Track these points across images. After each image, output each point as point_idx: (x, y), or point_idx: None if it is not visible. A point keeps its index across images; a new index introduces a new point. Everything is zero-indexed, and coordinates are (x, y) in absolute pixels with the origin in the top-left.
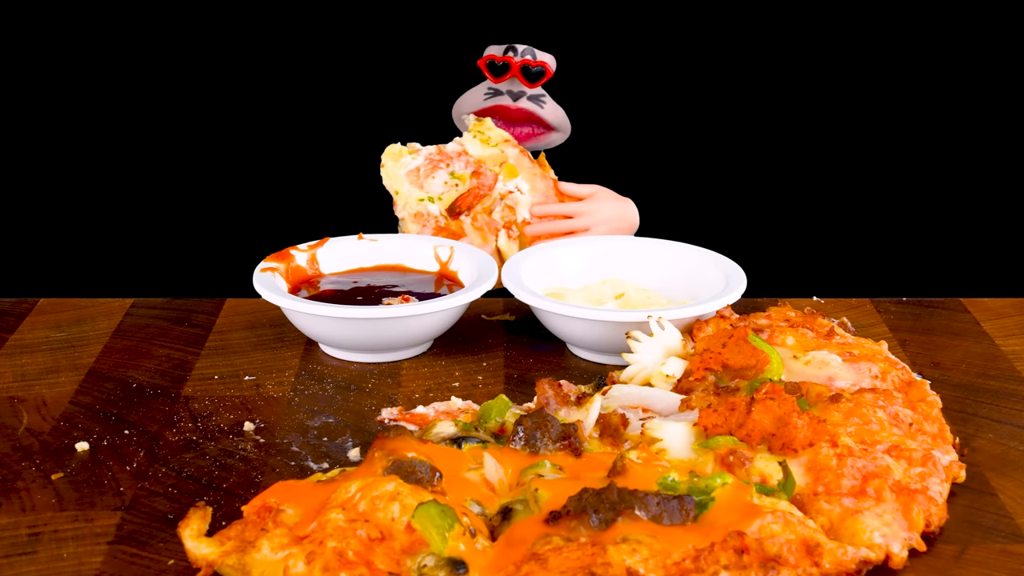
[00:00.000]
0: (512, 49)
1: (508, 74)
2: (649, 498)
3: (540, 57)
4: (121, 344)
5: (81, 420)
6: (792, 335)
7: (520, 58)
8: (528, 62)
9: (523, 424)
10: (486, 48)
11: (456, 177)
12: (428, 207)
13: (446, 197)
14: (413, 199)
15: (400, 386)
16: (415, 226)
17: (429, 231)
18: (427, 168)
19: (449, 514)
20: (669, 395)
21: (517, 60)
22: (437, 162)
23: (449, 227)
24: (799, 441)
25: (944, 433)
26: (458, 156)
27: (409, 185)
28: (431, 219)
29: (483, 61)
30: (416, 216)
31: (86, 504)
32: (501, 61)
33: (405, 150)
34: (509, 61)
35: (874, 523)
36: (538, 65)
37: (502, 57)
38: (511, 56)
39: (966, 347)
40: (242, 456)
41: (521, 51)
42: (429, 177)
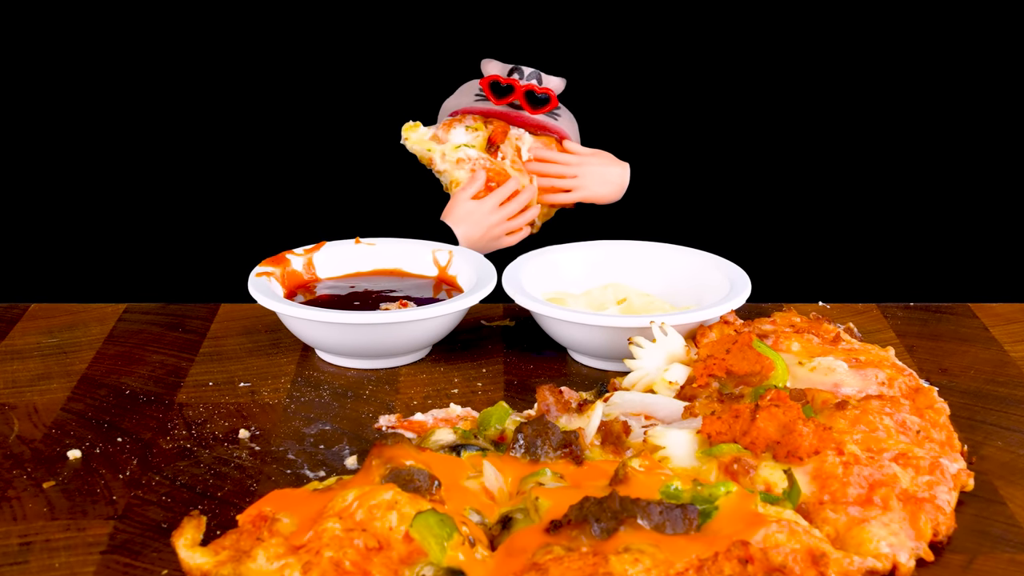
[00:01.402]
0: (518, 71)
1: (510, 97)
2: (652, 507)
3: (546, 83)
4: (114, 350)
5: (73, 427)
6: (797, 341)
7: (525, 82)
8: (533, 87)
9: (523, 431)
10: (485, 61)
11: (472, 127)
12: (468, 152)
13: (477, 140)
14: (449, 148)
15: (398, 393)
16: (461, 171)
17: (480, 176)
18: (443, 129)
19: (448, 523)
20: (672, 402)
21: (522, 84)
22: (450, 122)
23: (495, 166)
24: (804, 449)
25: (952, 441)
26: (464, 115)
27: (436, 144)
28: (474, 161)
29: (486, 81)
30: (458, 162)
31: (78, 513)
32: (505, 83)
33: (418, 124)
34: (514, 84)
35: (881, 532)
36: (543, 92)
37: (506, 79)
38: (516, 79)
39: (974, 353)
40: (237, 464)
41: (527, 74)
42: (451, 131)
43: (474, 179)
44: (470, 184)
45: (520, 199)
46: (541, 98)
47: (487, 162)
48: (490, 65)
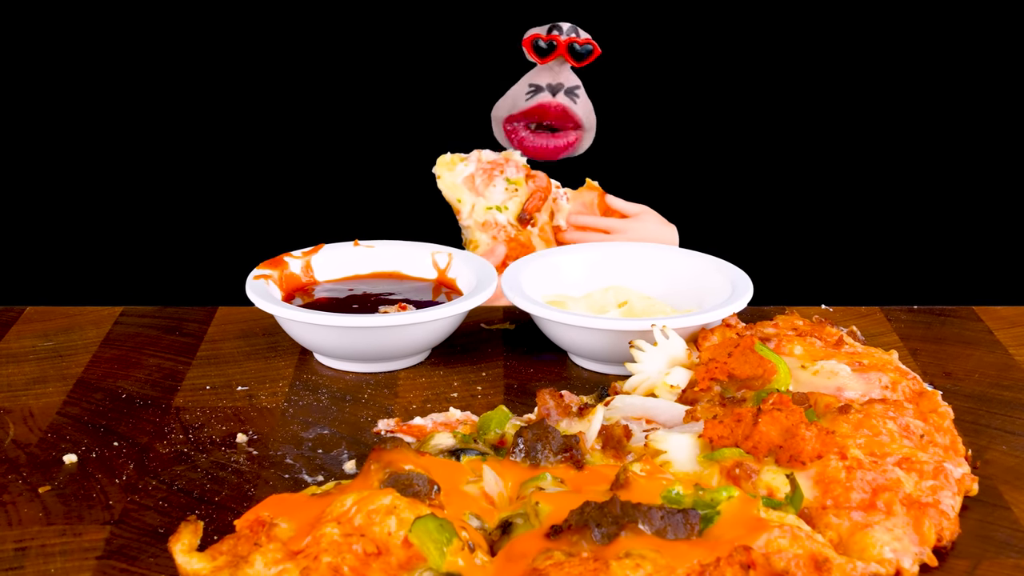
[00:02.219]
0: (557, 27)
1: (555, 53)
2: (653, 512)
3: (584, 35)
4: (110, 353)
5: (69, 432)
6: (800, 344)
7: (566, 36)
8: (575, 40)
9: (523, 436)
10: (528, 31)
11: (512, 183)
12: (496, 216)
13: (512, 206)
14: (480, 208)
15: (397, 397)
16: (484, 235)
17: (501, 241)
18: (482, 177)
19: (447, 528)
20: (673, 406)
21: (563, 39)
22: (490, 170)
23: (518, 237)
24: (807, 453)
25: (956, 445)
26: (507, 162)
27: (470, 193)
28: (500, 229)
29: (528, 40)
30: (484, 225)
31: (74, 518)
32: (547, 39)
33: (456, 158)
34: (555, 39)
35: (884, 538)
36: (585, 43)
37: (547, 36)
38: (556, 35)
39: (979, 356)
40: (235, 469)
41: (567, 29)
42: (489, 186)
43: (492, 252)
44: (487, 256)
45: None
46: (584, 50)
47: (514, 232)
48: (530, 31)
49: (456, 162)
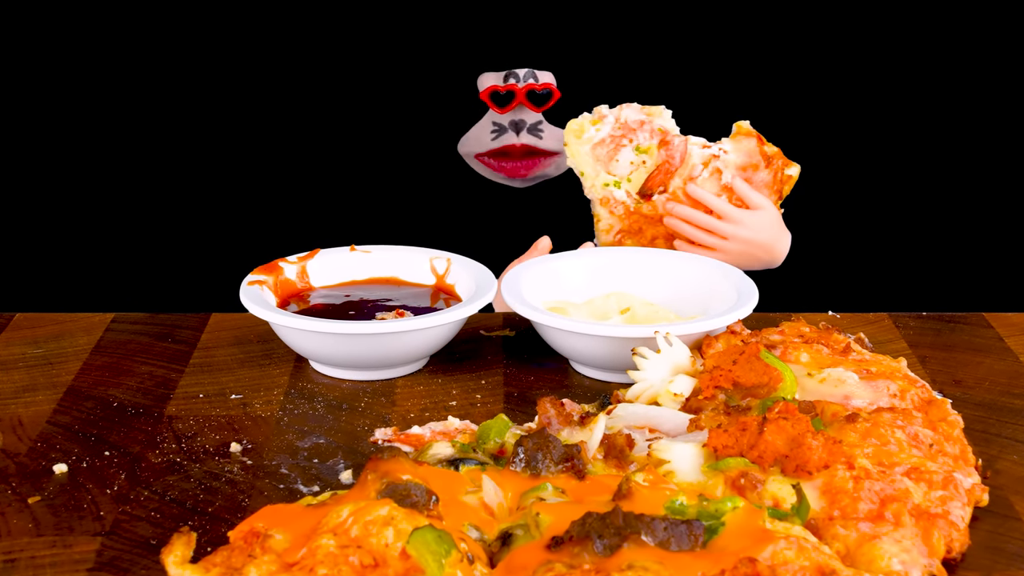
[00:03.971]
0: (513, 75)
1: (514, 102)
2: (656, 523)
3: (542, 79)
4: (101, 361)
5: (59, 441)
6: (806, 351)
7: (523, 83)
8: (533, 86)
9: (524, 445)
10: (481, 76)
11: (642, 152)
12: (613, 192)
13: (635, 179)
14: (599, 183)
15: (394, 405)
16: (603, 210)
17: (617, 218)
18: (610, 145)
19: (446, 539)
20: (677, 415)
21: (520, 86)
22: (620, 138)
23: (640, 210)
24: (814, 463)
25: (966, 454)
26: (641, 126)
27: (595, 164)
28: (618, 205)
29: (486, 93)
30: (603, 201)
31: (64, 529)
32: (505, 90)
33: (588, 120)
34: (513, 88)
35: (892, 549)
36: (544, 88)
37: (505, 86)
38: (514, 83)
39: (989, 364)
40: (228, 479)
41: (523, 76)
42: (613, 158)
43: (610, 231)
44: (606, 235)
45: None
46: (543, 95)
47: (633, 205)
48: (485, 78)
49: (585, 128)
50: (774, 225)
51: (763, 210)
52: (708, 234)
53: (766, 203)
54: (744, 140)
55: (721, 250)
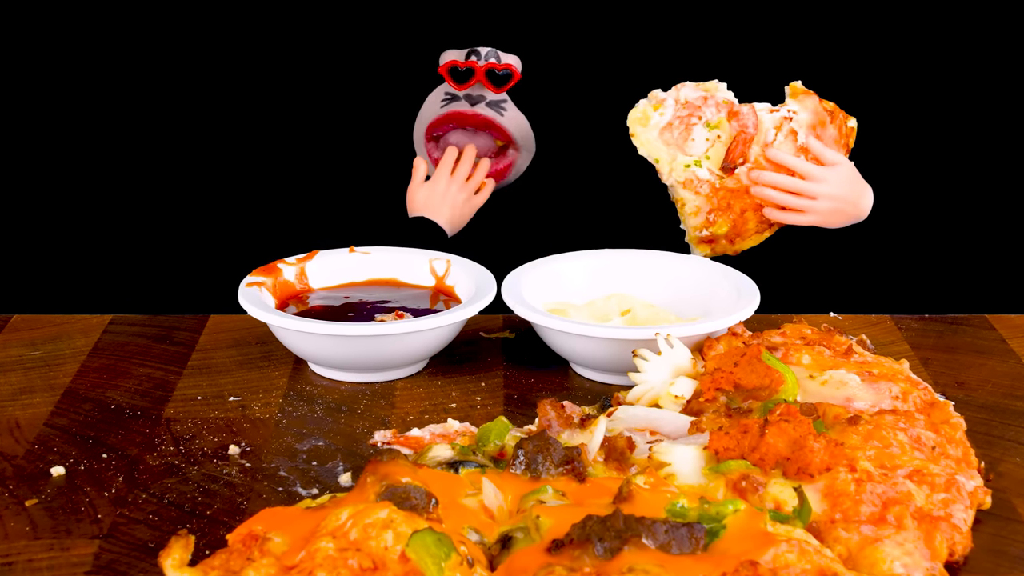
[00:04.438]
0: (475, 53)
1: (472, 80)
2: (657, 526)
3: (505, 59)
4: (99, 363)
5: (57, 443)
6: (808, 353)
7: (484, 62)
8: (493, 65)
9: (524, 447)
10: (444, 52)
11: (713, 127)
12: (696, 172)
13: (713, 155)
14: (679, 166)
15: (394, 407)
16: (688, 193)
17: (704, 198)
18: (679, 128)
19: (445, 543)
20: (678, 417)
21: (481, 64)
22: (687, 117)
23: (725, 186)
24: (815, 465)
25: (969, 457)
26: (704, 102)
27: (668, 148)
28: (703, 184)
29: (444, 67)
30: (686, 184)
31: (62, 532)
32: (464, 66)
33: (649, 107)
34: (473, 66)
35: (895, 552)
36: (504, 68)
37: (465, 62)
38: (474, 60)
39: (992, 366)
40: (227, 481)
41: (485, 54)
42: (688, 139)
43: (700, 212)
44: (696, 215)
45: (466, 158)
46: (503, 75)
47: (719, 182)
48: (445, 55)
49: (649, 115)
50: (854, 179)
51: (841, 165)
52: (797, 197)
53: (841, 158)
54: (806, 99)
55: (812, 211)
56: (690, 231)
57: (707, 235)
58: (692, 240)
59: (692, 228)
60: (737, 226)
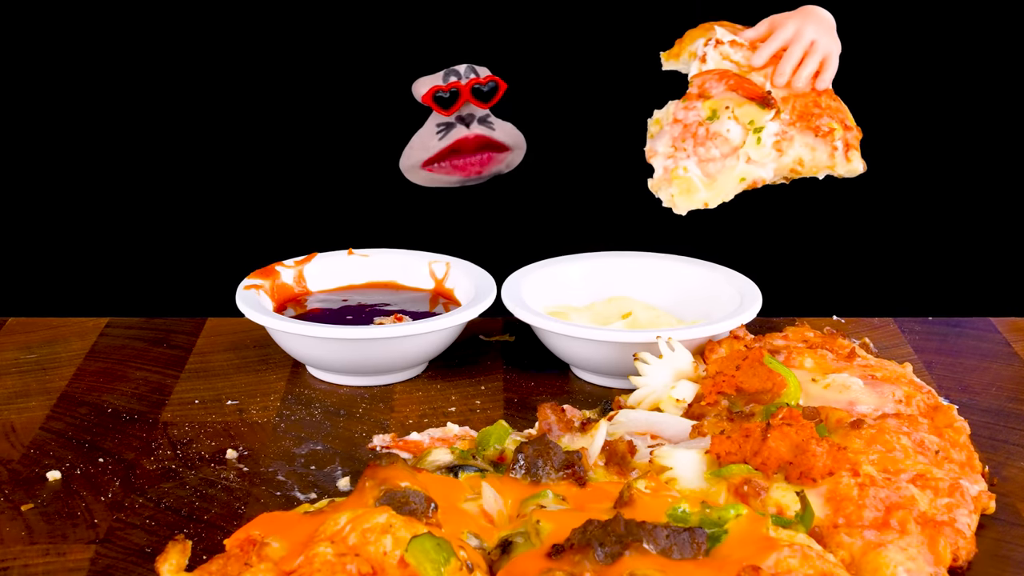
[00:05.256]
0: (453, 73)
1: (459, 102)
2: (658, 530)
3: (482, 72)
4: (95, 366)
5: (53, 447)
6: (810, 357)
7: (466, 80)
8: (477, 81)
9: (524, 452)
10: (417, 82)
11: (713, 113)
12: (758, 173)
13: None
14: (737, 180)
15: (393, 411)
16: (784, 156)
17: (792, 139)
18: (691, 141)
19: (445, 547)
20: (679, 421)
21: (464, 83)
22: (687, 135)
23: (795, 108)
24: (818, 470)
25: (972, 461)
26: (686, 109)
27: (700, 184)
28: (778, 135)
29: (428, 96)
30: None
31: (58, 537)
32: (448, 90)
33: (658, 165)
34: (456, 87)
35: (898, 557)
36: (488, 81)
37: (447, 85)
38: (456, 81)
39: (996, 369)
40: (224, 486)
41: (463, 72)
42: (713, 147)
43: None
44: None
45: None
46: (489, 89)
47: (788, 116)
48: (418, 85)
49: (666, 170)
50: (796, 14)
51: (774, 19)
52: (804, 59)
53: (766, 20)
54: (720, 31)
55: (826, 50)
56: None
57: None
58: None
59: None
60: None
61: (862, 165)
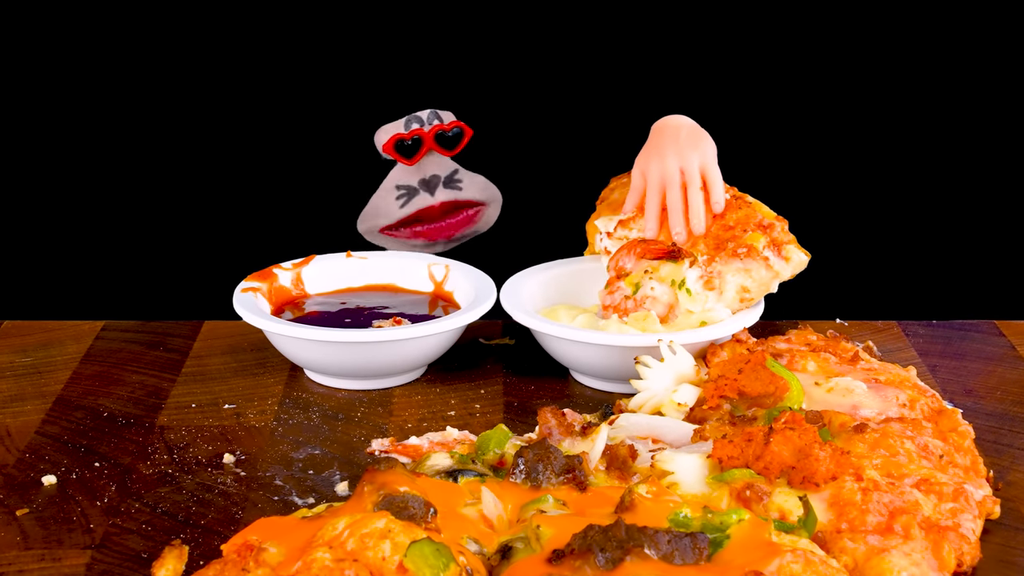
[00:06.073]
0: (415, 119)
1: (423, 150)
2: (659, 536)
3: (446, 119)
4: (91, 370)
5: (48, 452)
6: (813, 360)
7: (429, 126)
8: (441, 127)
9: (524, 456)
10: (379, 131)
11: (649, 274)
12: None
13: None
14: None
15: (391, 415)
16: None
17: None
18: (636, 309)
19: (444, 553)
20: (681, 425)
21: (427, 130)
22: (625, 301)
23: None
24: (821, 474)
25: (977, 466)
26: (614, 284)
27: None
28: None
29: (389, 145)
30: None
31: (53, 542)
32: (410, 137)
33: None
34: (419, 134)
35: (902, 563)
36: (453, 127)
37: (408, 132)
38: (419, 128)
39: (1001, 373)
40: (221, 490)
41: (426, 118)
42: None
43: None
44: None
45: None
46: (453, 135)
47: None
48: (380, 133)
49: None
50: (657, 147)
51: (639, 163)
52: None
53: (635, 167)
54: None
55: (704, 165)
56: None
57: None
58: None
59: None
60: None
61: (803, 255)
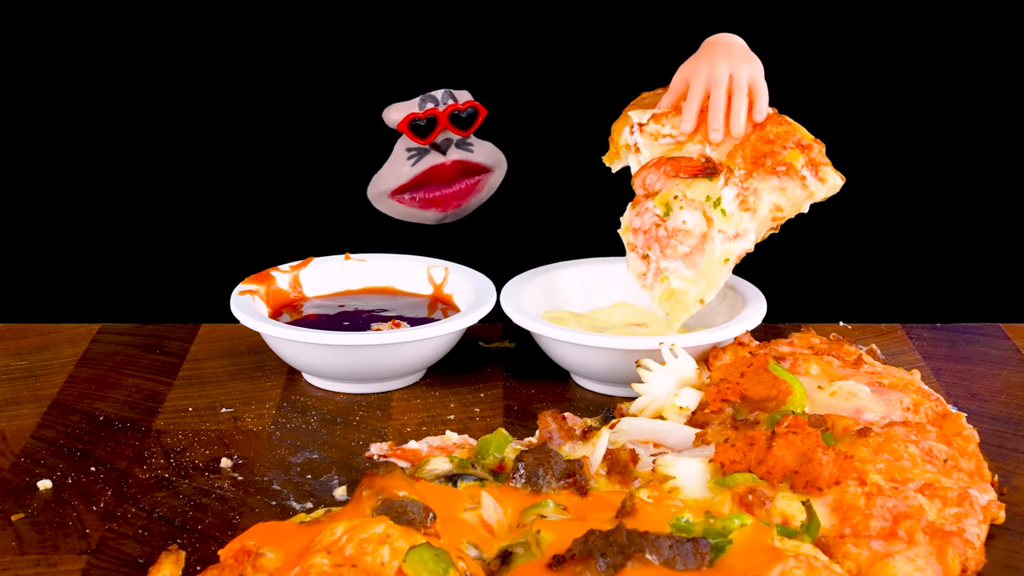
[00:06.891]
0: (430, 99)
1: (437, 130)
2: (661, 540)
3: (461, 98)
4: (87, 373)
5: (44, 456)
6: (816, 364)
7: (444, 106)
8: (455, 107)
9: (524, 460)
10: (389, 108)
11: (673, 198)
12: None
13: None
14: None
15: (390, 419)
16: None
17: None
18: (663, 245)
19: (443, 558)
20: (683, 429)
21: (442, 110)
22: (651, 239)
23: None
24: (824, 479)
25: (982, 470)
26: (642, 215)
27: (701, 268)
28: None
29: (404, 123)
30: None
31: (49, 547)
32: (425, 116)
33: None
34: (434, 113)
35: (906, 568)
36: (468, 107)
37: (424, 113)
38: (434, 107)
39: (1006, 376)
40: (218, 495)
41: (441, 98)
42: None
43: None
44: None
45: None
46: (468, 115)
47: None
48: (393, 111)
49: (650, 288)
50: (704, 56)
51: (682, 74)
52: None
53: (677, 75)
54: (639, 114)
55: (751, 79)
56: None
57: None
58: None
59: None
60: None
61: (838, 178)
